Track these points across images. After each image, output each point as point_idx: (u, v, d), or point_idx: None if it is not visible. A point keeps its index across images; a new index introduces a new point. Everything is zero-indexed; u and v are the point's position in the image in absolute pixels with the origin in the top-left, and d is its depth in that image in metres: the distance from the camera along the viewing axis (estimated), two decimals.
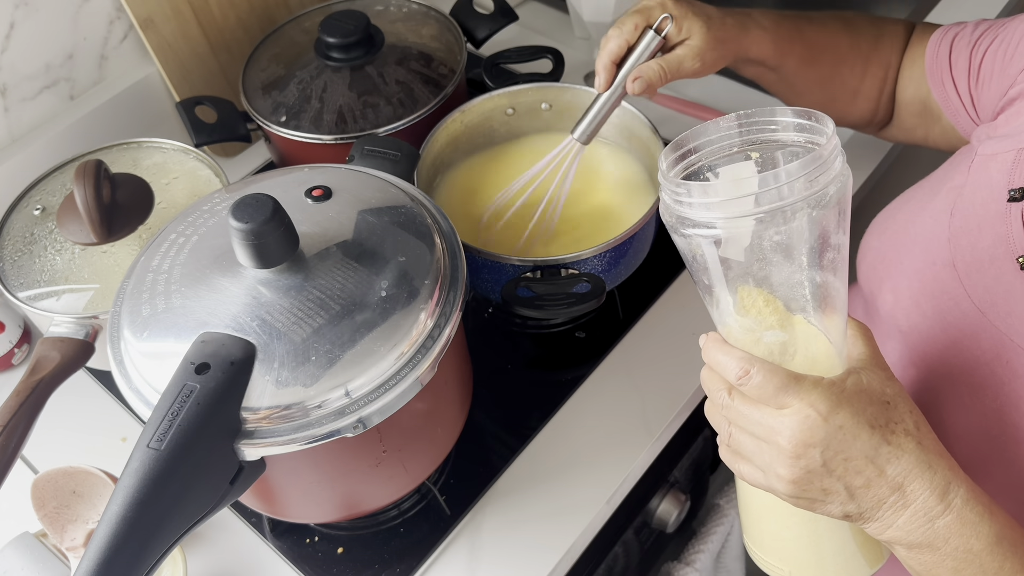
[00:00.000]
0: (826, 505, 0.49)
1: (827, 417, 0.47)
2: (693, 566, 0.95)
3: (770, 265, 0.49)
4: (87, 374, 0.86)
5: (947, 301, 0.61)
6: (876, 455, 0.47)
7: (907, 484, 0.48)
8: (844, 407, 0.47)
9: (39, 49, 0.90)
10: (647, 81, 0.70)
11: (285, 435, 0.52)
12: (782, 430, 0.48)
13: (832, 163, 0.47)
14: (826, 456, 0.47)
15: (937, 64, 0.72)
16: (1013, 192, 0.57)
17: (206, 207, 0.63)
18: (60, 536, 0.69)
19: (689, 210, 0.48)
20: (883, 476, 0.48)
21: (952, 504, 0.48)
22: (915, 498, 0.48)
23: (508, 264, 0.73)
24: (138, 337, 0.55)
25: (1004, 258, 0.57)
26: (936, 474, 0.48)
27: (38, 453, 0.80)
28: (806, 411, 0.47)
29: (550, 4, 1.23)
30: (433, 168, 0.84)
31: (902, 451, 0.48)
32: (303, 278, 0.56)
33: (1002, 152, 0.60)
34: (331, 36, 0.87)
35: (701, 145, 0.52)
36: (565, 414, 0.80)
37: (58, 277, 0.73)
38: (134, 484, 0.47)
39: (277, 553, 0.73)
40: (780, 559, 0.60)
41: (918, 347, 0.65)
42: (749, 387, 0.49)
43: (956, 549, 0.48)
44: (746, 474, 0.52)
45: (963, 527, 0.48)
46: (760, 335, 0.51)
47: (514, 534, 0.73)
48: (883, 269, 0.68)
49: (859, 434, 0.47)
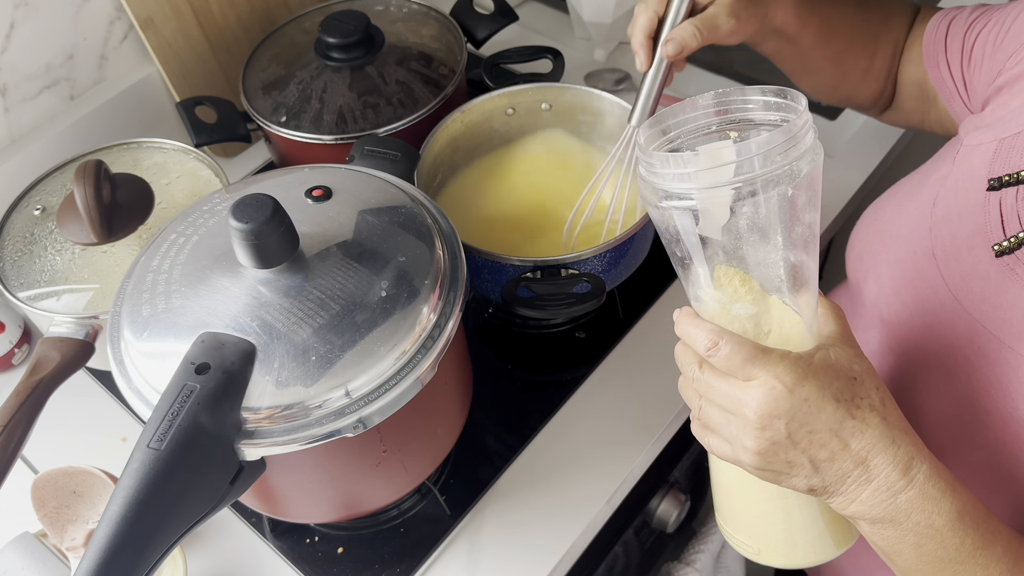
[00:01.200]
0: (791, 478, 0.50)
1: (792, 389, 0.47)
2: (693, 566, 0.95)
3: (743, 240, 0.49)
4: (87, 374, 0.86)
5: (925, 289, 0.61)
6: (840, 428, 0.48)
7: (871, 458, 0.48)
8: (810, 380, 0.48)
9: (39, 49, 0.90)
10: (681, 42, 0.67)
11: (285, 435, 0.52)
12: (748, 401, 0.48)
13: (804, 137, 0.48)
14: (791, 428, 0.48)
15: (934, 46, 0.72)
16: (992, 181, 0.58)
17: (206, 207, 0.63)
18: (60, 536, 0.69)
19: (664, 181, 0.49)
20: (847, 450, 0.48)
21: (915, 479, 0.48)
22: (878, 472, 0.48)
23: (508, 264, 0.73)
24: (138, 337, 0.55)
25: (981, 246, 0.57)
26: (899, 449, 0.48)
27: (38, 453, 0.80)
28: (772, 383, 0.48)
29: (550, 4, 1.23)
30: (433, 168, 0.84)
31: (866, 425, 0.48)
32: (303, 278, 0.56)
33: (985, 142, 0.60)
34: (331, 36, 0.87)
35: (679, 123, 0.52)
36: (565, 414, 0.80)
37: (58, 277, 0.73)
38: (134, 484, 0.47)
39: (277, 553, 0.73)
40: (750, 536, 0.61)
41: (897, 334, 0.65)
42: (717, 359, 0.49)
43: (918, 524, 0.48)
44: (715, 447, 0.52)
45: (925, 502, 0.48)
46: (732, 309, 0.52)
47: (514, 534, 0.73)
48: (869, 260, 0.68)
49: (824, 407, 0.48)
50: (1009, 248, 0.56)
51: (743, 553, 0.62)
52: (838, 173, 0.97)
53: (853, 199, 0.96)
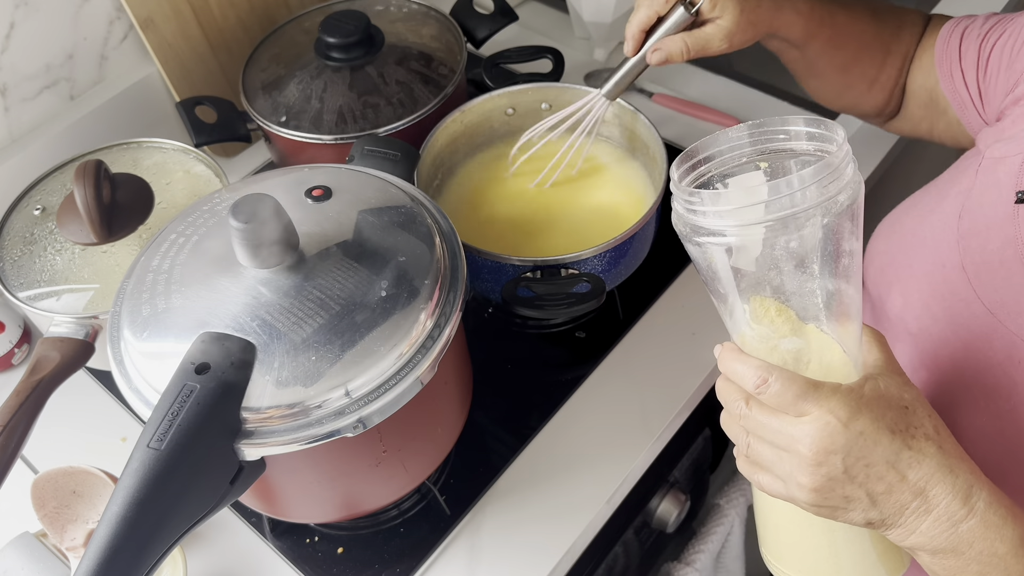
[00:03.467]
0: (848, 512, 0.49)
1: (847, 423, 0.47)
2: (693, 566, 0.95)
3: (783, 274, 0.49)
4: (87, 374, 0.86)
5: (957, 303, 0.60)
6: (897, 460, 0.47)
7: (929, 489, 0.47)
8: (864, 413, 0.47)
9: (39, 49, 0.90)
10: (666, 55, 0.71)
11: (285, 435, 0.52)
12: (802, 438, 0.47)
13: (844, 170, 0.47)
14: (847, 463, 0.47)
15: (947, 55, 0.72)
16: (1021, 194, 0.57)
17: (206, 207, 0.63)
18: (60, 536, 0.69)
19: (701, 218, 0.48)
20: (905, 481, 0.47)
21: (975, 508, 0.47)
22: (938, 503, 0.47)
23: (508, 264, 0.73)
24: (138, 337, 0.55)
25: (1013, 259, 0.57)
26: (958, 478, 0.47)
27: (38, 453, 0.80)
28: (826, 418, 0.47)
29: (550, 4, 1.23)
30: (433, 168, 0.84)
31: (923, 456, 0.47)
32: (303, 278, 0.56)
33: (1010, 155, 0.60)
34: (331, 36, 0.87)
35: (712, 155, 0.51)
36: (565, 414, 0.80)
37: (58, 277, 0.73)
38: (134, 484, 0.47)
39: (277, 553, 0.73)
40: (799, 570, 0.59)
41: (929, 350, 0.64)
42: (768, 395, 0.48)
43: (981, 553, 0.47)
44: (766, 484, 0.51)
45: (987, 530, 0.47)
46: (775, 343, 0.51)
47: (514, 534, 0.73)
48: (892, 272, 0.67)
49: (880, 439, 0.47)
50: None
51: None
52: None
53: None
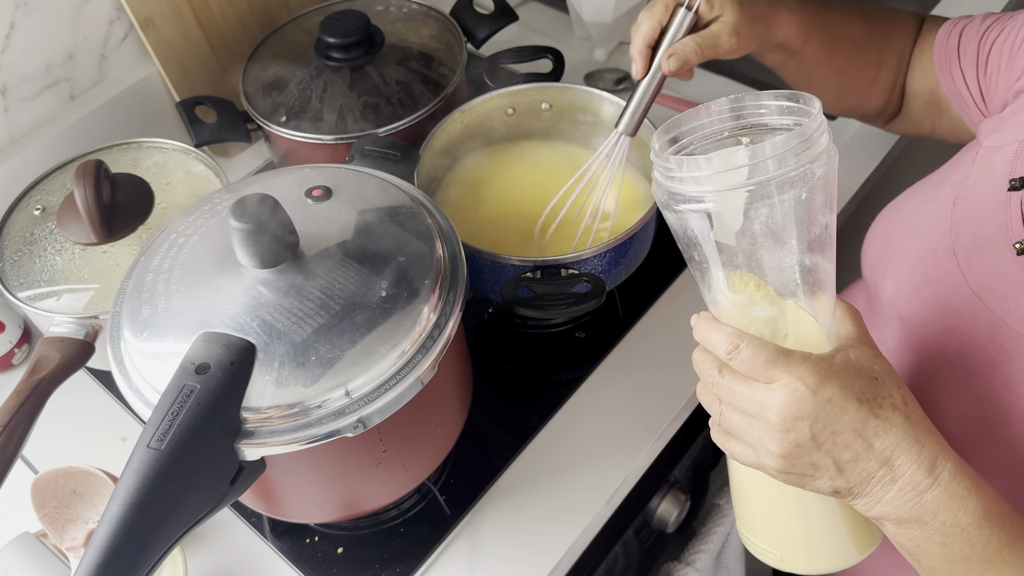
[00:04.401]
0: (815, 480, 0.50)
1: (815, 390, 0.47)
2: (693, 566, 0.95)
3: (760, 245, 0.49)
4: (87, 374, 0.86)
5: (946, 287, 0.62)
6: (864, 428, 0.48)
7: (895, 458, 0.48)
8: (832, 380, 0.48)
9: (39, 49, 0.90)
10: (683, 58, 0.68)
11: (285, 435, 0.52)
12: (771, 404, 0.48)
13: (819, 139, 0.48)
14: (815, 429, 0.48)
15: (946, 55, 0.72)
16: (1014, 181, 0.58)
17: (206, 207, 0.63)
18: (60, 536, 0.69)
19: (680, 185, 0.49)
20: (871, 450, 0.48)
21: (940, 478, 0.48)
22: (903, 472, 0.48)
23: (508, 264, 0.73)
24: (138, 337, 0.55)
25: (1003, 245, 0.58)
26: (924, 448, 0.48)
27: (38, 453, 0.80)
28: (795, 384, 0.48)
29: (550, 4, 1.23)
30: (433, 168, 0.84)
31: (890, 425, 0.48)
32: (303, 278, 0.56)
33: (1006, 144, 0.61)
34: (331, 36, 0.87)
35: (693, 129, 0.52)
36: (565, 414, 0.80)
37: (58, 277, 0.73)
38: (134, 484, 0.47)
39: (277, 553, 0.73)
40: (771, 542, 0.60)
41: (916, 332, 0.65)
42: (738, 361, 0.49)
43: (944, 523, 0.48)
44: (737, 452, 0.52)
45: (951, 501, 0.48)
46: (750, 313, 0.52)
47: (514, 534, 0.73)
48: (887, 258, 0.69)
49: (847, 407, 0.48)
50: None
51: (765, 560, 0.61)
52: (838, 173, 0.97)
53: (853, 199, 0.96)
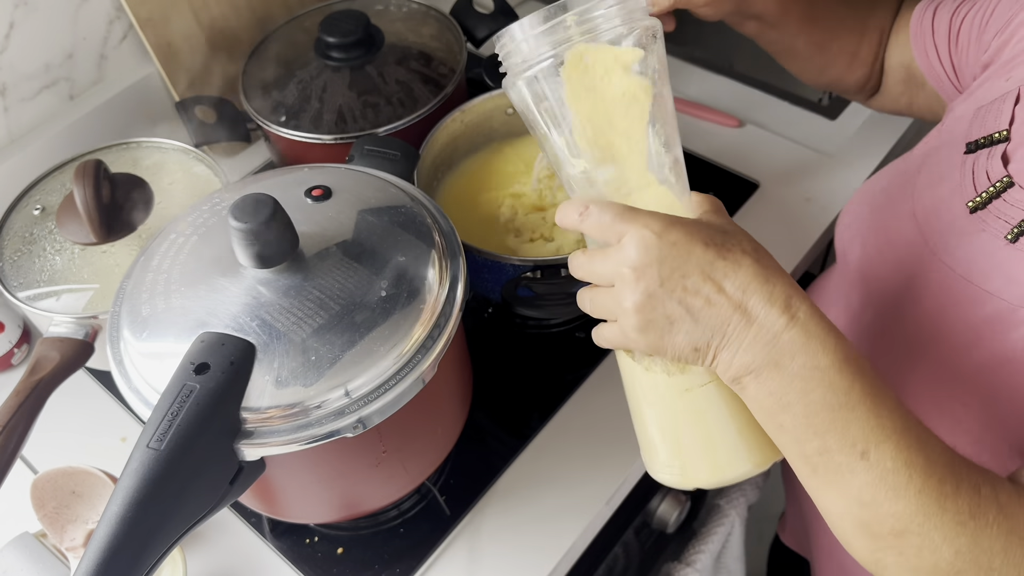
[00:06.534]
0: (673, 335, 0.49)
1: (660, 234, 0.48)
2: (693, 566, 0.95)
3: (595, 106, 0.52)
4: (87, 374, 0.86)
5: (906, 247, 0.63)
6: (712, 270, 0.48)
7: (747, 299, 0.48)
8: (678, 226, 0.48)
9: (39, 49, 0.90)
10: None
11: (285, 435, 0.52)
12: (623, 260, 0.49)
13: None
14: (663, 273, 0.48)
15: (921, 31, 0.74)
16: (969, 144, 0.60)
17: (206, 207, 0.63)
18: (60, 536, 0.69)
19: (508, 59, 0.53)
20: (722, 293, 0.48)
21: (796, 316, 0.47)
22: (757, 313, 0.48)
23: (508, 264, 0.73)
24: (138, 337, 0.55)
25: (959, 205, 0.60)
26: (775, 287, 0.48)
27: (38, 453, 0.80)
28: (641, 232, 0.48)
29: None
30: (433, 168, 0.84)
31: (738, 266, 0.48)
32: (303, 278, 0.56)
33: (967, 113, 0.63)
34: (331, 36, 0.87)
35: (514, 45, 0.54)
36: (565, 414, 0.80)
37: (58, 277, 0.73)
38: (134, 484, 0.47)
39: (277, 553, 0.73)
40: (670, 456, 0.59)
41: (875, 289, 0.67)
42: (588, 223, 0.50)
43: (803, 367, 0.47)
44: (608, 336, 0.53)
45: (808, 341, 0.47)
46: (597, 175, 0.53)
47: (514, 534, 0.73)
48: (856, 226, 0.70)
49: (693, 249, 0.48)
50: (981, 203, 0.58)
51: (670, 482, 0.60)
52: (838, 173, 0.97)
53: None
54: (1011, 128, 0.59)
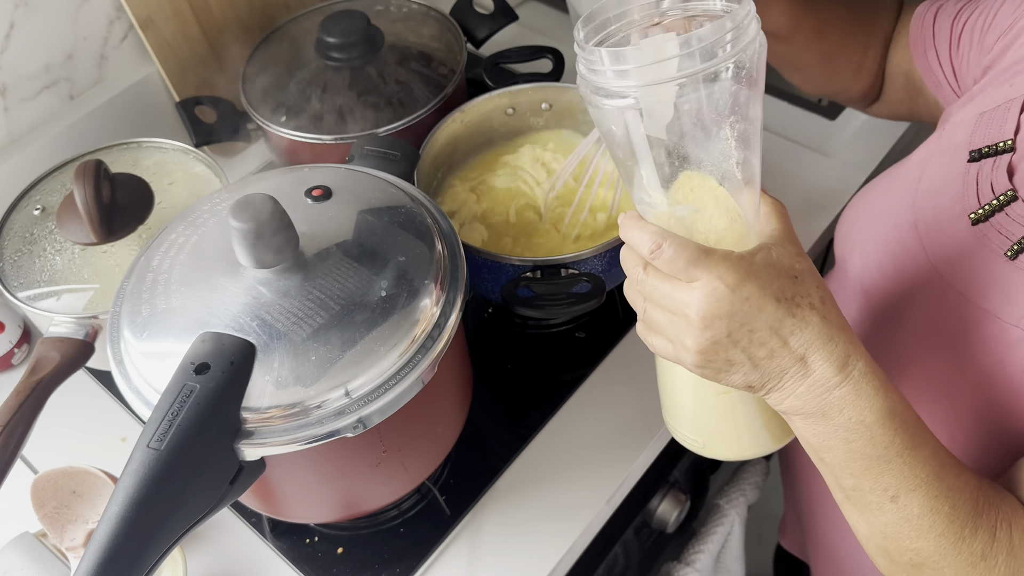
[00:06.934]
0: (730, 375, 0.50)
1: (734, 289, 0.48)
2: (693, 566, 0.95)
3: (686, 139, 0.49)
4: (87, 374, 0.86)
5: (907, 260, 0.63)
6: (780, 327, 0.48)
7: (809, 355, 0.49)
8: (751, 280, 0.48)
9: (39, 49, 0.90)
10: None
11: (285, 435, 0.52)
12: (691, 303, 0.48)
13: (747, 28, 0.46)
14: (731, 327, 0.48)
15: (921, 35, 0.73)
16: (972, 153, 0.60)
17: (206, 207, 0.63)
18: (60, 536, 0.69)
19: (604, 79, 0.48)
20: (786, 347, 0.49)
21: (850, 375, 0.49)
22: (815, 368, 0.49)
23: (508, 264, 0.73)
24: (138, 337, 0.55)
25: (960, 216, 0.59)
26: (837, 346, 0.49)
27: (38, 453, 0.80)
28: (714, 283, 0.48)
29: (550, 4, 1.23)
30: (433, 168, 0.84)
31: (806, 324, 0.48)
32: (303, 278, 0.56)
33: (968, 118, 0.63)
34: (331, 36, 0.87)
35: (619, 16, 0.51)
36: (565, 414, 0.80)
37: (58, 277, 0.73)
38: (134, 484, 0.47)
39: (277, 553, 0.73)
40: (695, 431, 0.61)
41: (876, 303, 0.67)
42: (661, 261, 0.49)
43: (849, 420, 0.49)
44: (658, 347, 0.53)
45: (858, 398, 0.49)
46: (674, 210, 0.52)
47: (514, 534, 0.73)
48: (855, 235, 0.70)
49: (764, 306, 0.48)
50: (984, 216, 0.58)
51: (689, 447, 0.62)
52: (838, 173, 0.97)
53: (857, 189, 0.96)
54: (1016, 138, 0.58)
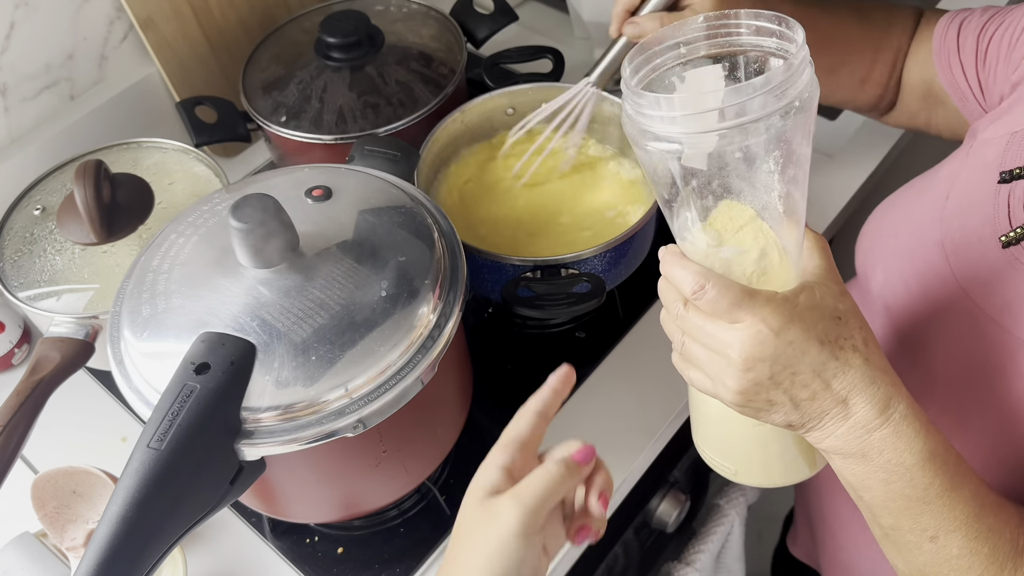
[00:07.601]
0: (770, 414, 0.50)
1: (778, 333, 0.47)
2: (693, 566, 0.95)
3: (731, 178, 0.49)
4: (87, 374, 0.86)
5: (933, 279, 0.62)
6: (823, 369, 0.48)
7: (851, 398, 0.49)
8: (796, 323, 0.48)
9: (39, 49, 0.90)
10: (640, 29, 0.73)
11: (285, 435, 0.52)
12: (733, 343, 0.48)
13: (800, 75, 0.45)
14: (774, 370, 0.48)
15: (945, 47, 0.72)
16: (1004, 174, 0.59)
17: (206, 207, 0.63)
18: (60, 536, 0.69)
19: (651, 123, 0.47)
20: (828, 390, 0.49)
21: (891, 418, 0.49)
22: (856, 411, 0.49)
23: (508, 264, 0.73)
24: (138, 337, 0.55)
25: (990, 238, 0.58)
26: (879, 389, 0.49)
27: (38, 453, 0.80)
28: (758, 326, 0.47)
29: (550, 4, 1.23)
30: (433, 168, 0.84)
31: (849, 366, 0.48)
32: (303, 278, 0.56)
33: (998, 136, 0.61)
34: (331, 36, 0.87)
35: (666, 48, 0.50)
36: (565, 414, 0.80)
37: (58, 277, 0.73)
38: (134, 484, 0.47)
39: (277, 553, 0.73)
40: (726, 458, 0.61)
41: (901, 322, 0.66)
42: (704, 302, 0.49)
43: (889, 462, 0.49)
44: (696, 381, 0.53)
45: (898, 441, 0.49)
46: (717, 249, 0.51)
47: None
48: (878, 251, 0.69)
49: (808, 349, 0.48)
50: (1016, 239, 0.57)
51: (719, 472, 0.62)
52: (838, 173, 0.97)
53: (853, 199, 0.96)
54: None
